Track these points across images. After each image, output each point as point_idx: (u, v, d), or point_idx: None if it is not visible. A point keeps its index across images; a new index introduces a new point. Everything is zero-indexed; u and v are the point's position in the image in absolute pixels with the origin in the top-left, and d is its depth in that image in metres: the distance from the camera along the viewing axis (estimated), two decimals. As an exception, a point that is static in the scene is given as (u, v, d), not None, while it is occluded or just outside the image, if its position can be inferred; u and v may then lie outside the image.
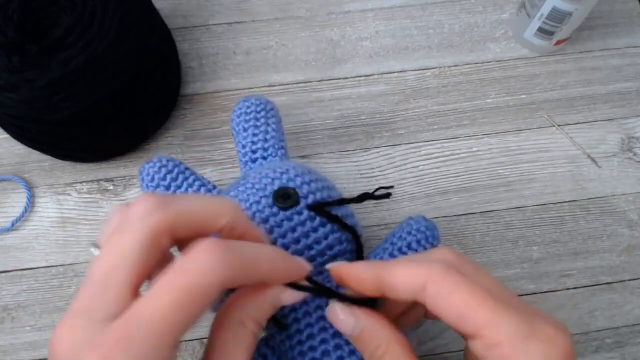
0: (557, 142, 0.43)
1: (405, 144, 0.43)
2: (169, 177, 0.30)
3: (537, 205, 0.41)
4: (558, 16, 0.41)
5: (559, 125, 0.43)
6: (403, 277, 0.21)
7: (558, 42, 0.44)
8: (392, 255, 0.28)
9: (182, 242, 0.21)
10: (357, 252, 0.27)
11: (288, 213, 0.26)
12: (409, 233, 0.28)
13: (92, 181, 0.41)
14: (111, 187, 0.41)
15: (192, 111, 0.43)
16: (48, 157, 0.41)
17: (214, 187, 0.31)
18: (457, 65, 0.45)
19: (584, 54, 0.46)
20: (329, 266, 0.24)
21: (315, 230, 0.26)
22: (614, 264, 0.39)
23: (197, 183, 0.30)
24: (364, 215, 0.40)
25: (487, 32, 0.47)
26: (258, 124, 0.32)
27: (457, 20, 0.47)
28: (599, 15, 0.47)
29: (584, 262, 0.39)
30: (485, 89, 0.45)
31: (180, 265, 0.18)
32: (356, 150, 0.42)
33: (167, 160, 0.30)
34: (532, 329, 0.18)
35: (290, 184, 0.27)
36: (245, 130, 0.32)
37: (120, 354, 0.17)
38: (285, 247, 0.25)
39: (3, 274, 0.39)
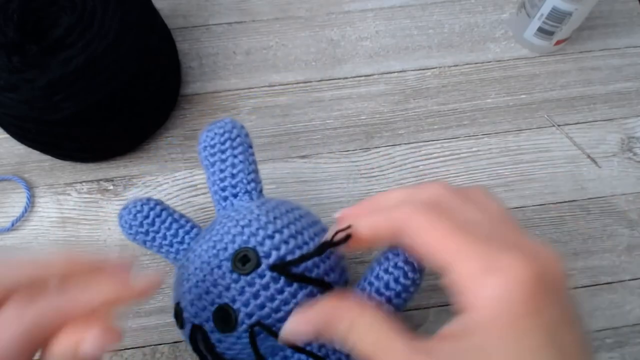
0: (557, 142, 0.43)
1: (405, 144, 0.43)
2: (145, 223, 0.30)
3: (537, 205, 0.41)
4: (558, 16, 0.41)
5: (559, 125, 0.43)
6: (384, 223, 0.22)
7: (558, 42, 0.44)
8: (371, 296, 0.26)
9: None
10: None
11: (249, 278, 0.24)
12: (386, 271, 0.26)
13: (92, 181, 0.41)
14: (111, 187, 0.41)
15: (192, 111, 0.43)
16: (48, 157, 0.41)
17: (193, 227, 0.30)
18: (457, 65, 0.45)
19: (584, 54, 0.46)
20: (336, 215, 0.25)
21: (280, 291, 0.25)
22: (614, 264, 0.39)
23: (174, 226, 0.30)
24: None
25: (487, 32, 0.47)
26: (223, 157, 0.30)
27: (457, 20, 0.47)
28: (599, 15, 0.47)
29: (584, 262, 0.39)
30: (485, 89, 0.45)
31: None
32: (356, 150, 0.42)
33: (142, 205, 0.30)
34: (489, 264, 0.19)
35: (252, 241, 0.25)
36: (212, 165, 0.30)
37: None
38: (250, 315, 0.24)
39: (3, 274, 0.38)
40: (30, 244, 0.39)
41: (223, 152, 0.30)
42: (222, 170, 0.30)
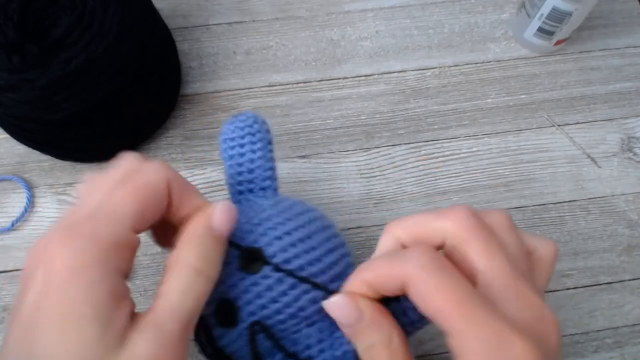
0: (557, 142, 0.43)
1: (405, 144, 0.43)
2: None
3: (537, 205, 0.41)
4: (558, 16, 0.41)
5: (559, 125, 0.43)
6: (384, 274, 0.21)
7: (558, 42, 0.44)
8: None
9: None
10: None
11: (254, 278, 0.25)
12: None
13: (92, 181, 0.41)
14: (111, 187, 0.41)
15: (192, 111, 0.43)
16: (48, 157, 0.41)
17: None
18: (457, 65, 0.45)
19: (584, 54, 0.46)
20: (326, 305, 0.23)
21: (283, 294, 0.25)
22: (614, 264, 0.39)
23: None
24: (364, 215, 0.40)
25: (487, 32, 0.47)
26: (242, 151, 0.29)
27: (457, 20, 0.47)
28: (599, 15, 0.47)
29: (584, 262, 0.39)
30: (485, 89, 0.45)
31: (133, 170, 0.23)
32: (356, 150, 0.42)
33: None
34: (500, 345, 0.18)
35: (260, 241, 0.25)
36: (230, 158, 0.30)
37: (87, 234, 0.20)
38: (252, 313, 0.25)
39: (3, 274, 0.39)
40: (30, 244, 0.39)
41: (242, 146, 0.29)
42: (239, 165, 0.30)
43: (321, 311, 0.25)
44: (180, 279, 0.21)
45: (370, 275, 0.22)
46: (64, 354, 0.18)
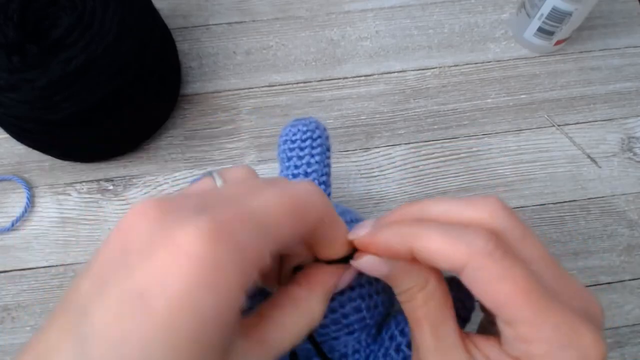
0: (557, 142, 0.43)
1: (405, 144, 0.43)
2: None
3: (537, 205, 0.41)
4: (558, 16, 0.41)
5: (559, 125, 0.43)
6: (441, 252, 0.19)
7: (558, 42, 0.44)
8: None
9: None
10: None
11: None
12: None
13: (92, 181, 0.41)
14: (111, 187, 0.41)
15: (192, 111, 0.43)
16: (48, 157, 0.41)
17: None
18: (457, 65, 0.45)
19: (584, 54, 0.46)
20: (350, 237, 0.22)
21: (332, 311, 0.25)
22: (614, 264, 0.39)
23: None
24: (364, 215, 0.40)
25: (487, 32, 0.47)
26: (301, 154, 0.30)
27: (457, 20, 0.47)
28: (599, 15, 0.47)
29: (584, 262, 0.39)
30: (485, 89, 0.45)
31: (288, 185, 0.19)
32: (356, 150, 0.42)
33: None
34: (571, 336, 0.18)
35: None
36: (288, 160, 0.30)
37: (238, 228, 0.16)
38: None
39: (3, 274, 0.39)
40: (30, 244, 0.39)
41: (302, 149, 0.30)
42: (296, 167, 0.30)
43: (362, 321, 0.25)
44: (303, 320, 0.20)
45: (424, 246, 0.19)
46: None
